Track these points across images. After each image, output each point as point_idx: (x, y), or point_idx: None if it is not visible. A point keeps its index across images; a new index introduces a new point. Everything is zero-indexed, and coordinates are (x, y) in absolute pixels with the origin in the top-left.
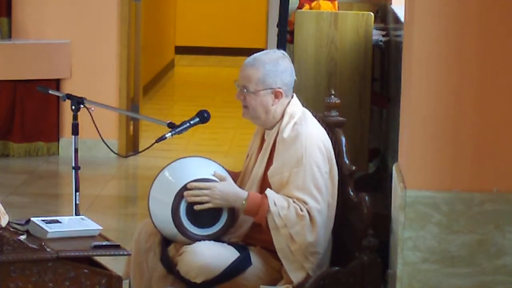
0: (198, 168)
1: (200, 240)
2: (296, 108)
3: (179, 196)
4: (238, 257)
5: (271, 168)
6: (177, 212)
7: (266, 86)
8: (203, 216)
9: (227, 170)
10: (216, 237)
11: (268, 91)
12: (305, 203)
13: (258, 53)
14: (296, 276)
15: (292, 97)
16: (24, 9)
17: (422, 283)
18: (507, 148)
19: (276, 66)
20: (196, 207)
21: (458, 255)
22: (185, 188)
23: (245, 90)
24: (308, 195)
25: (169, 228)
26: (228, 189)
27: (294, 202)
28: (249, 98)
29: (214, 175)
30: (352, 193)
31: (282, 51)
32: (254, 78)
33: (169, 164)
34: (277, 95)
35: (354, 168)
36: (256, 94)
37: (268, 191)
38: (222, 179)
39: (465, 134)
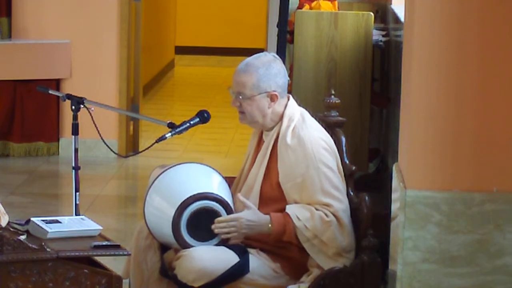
0: (198, 178)
1: None
2: (294, 111)
3: (180, 209)
4: (237, 262)
5: (282, 175)
6: (177, 226)
7: (261, 91)
8: (203, 230)
9: (223, 177)
10: None
11: (263, 95)
12: (329, 206)
13: (249, 58)
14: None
15: (288, 98)
16: (24, 9)
17: (422, 283)
18: (507, 148)
19: (269, 69)
20: (224, 236)
21: (458, 255)
22: (186, 201)
23: (240, 97)
24: (330, 197)
25: (167, 237)
26: (253, 217)
27: (317, 209)
28: (245, 104)
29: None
30: (352, 193)
31: (273, 54)
32: (248, 83)
33: (166, 170)
34: (272, 98)
35: (354, 168)
36: (252, 100)
37: (288, 208)
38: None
39: (465, 134)
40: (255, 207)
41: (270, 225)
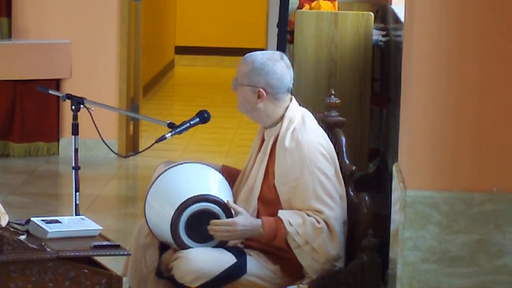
0: (198, 179)
1: None
2: (295, 113)
3: (179, 210)
4: (234, 263)
5: (277, 177)
6: (176, 227)
7: (250, 83)
8: (201, 231)
9: (226, 169)
10: None
11: (251, 88)
12: (320, 212)
13: (259, 51)
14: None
15: (291, 100)
16: (24, 9)
17: (422, 283)
18: (507, 148)
19: (263, 65)
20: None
21: (458, 255)
22: (185, 203)
23: (234, 82)
24: (322, 204)
25: (166, 236)
26: (246, 222)
27: (308, 215)
28: (238, 91)
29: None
30: (352, 193)
31: (282, 54)
32: (241, 71)
33: (167, 170)
34: (259, 95)
35: (354, 168)
36: (241, 88)
37: (280, 212)
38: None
39: (465, 134)
40: (246, 212)
41: (261, 230)
